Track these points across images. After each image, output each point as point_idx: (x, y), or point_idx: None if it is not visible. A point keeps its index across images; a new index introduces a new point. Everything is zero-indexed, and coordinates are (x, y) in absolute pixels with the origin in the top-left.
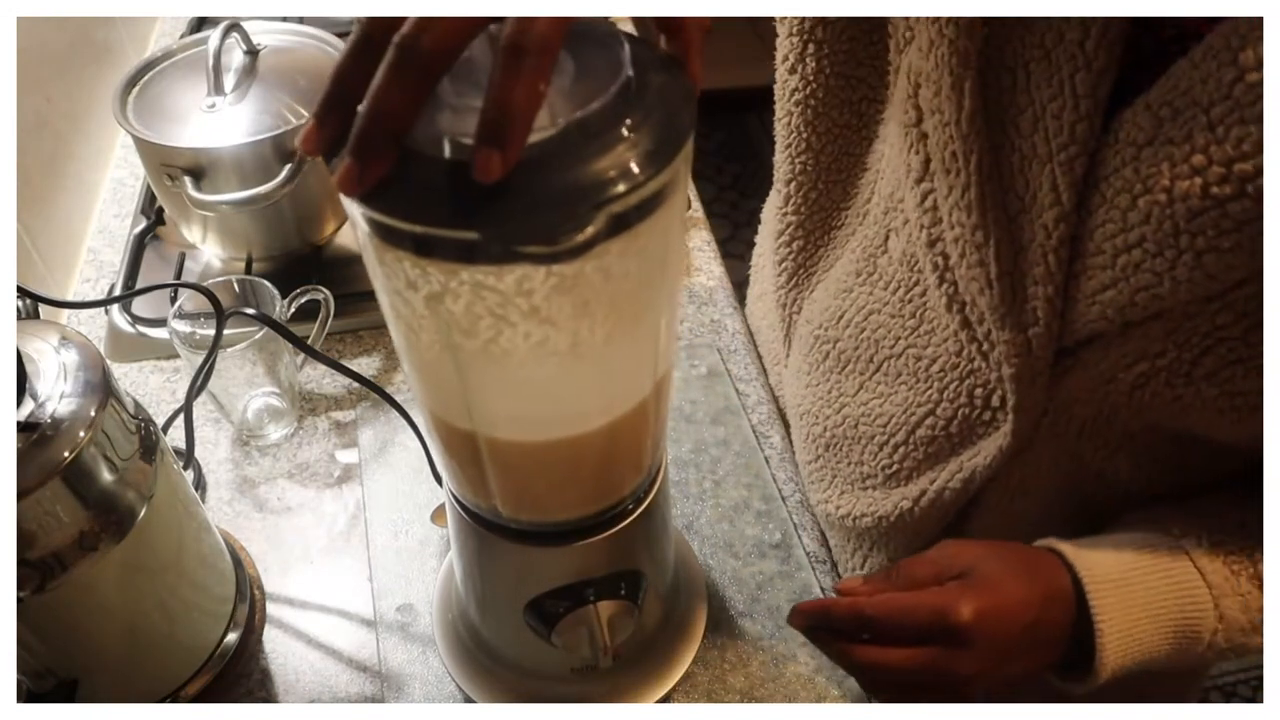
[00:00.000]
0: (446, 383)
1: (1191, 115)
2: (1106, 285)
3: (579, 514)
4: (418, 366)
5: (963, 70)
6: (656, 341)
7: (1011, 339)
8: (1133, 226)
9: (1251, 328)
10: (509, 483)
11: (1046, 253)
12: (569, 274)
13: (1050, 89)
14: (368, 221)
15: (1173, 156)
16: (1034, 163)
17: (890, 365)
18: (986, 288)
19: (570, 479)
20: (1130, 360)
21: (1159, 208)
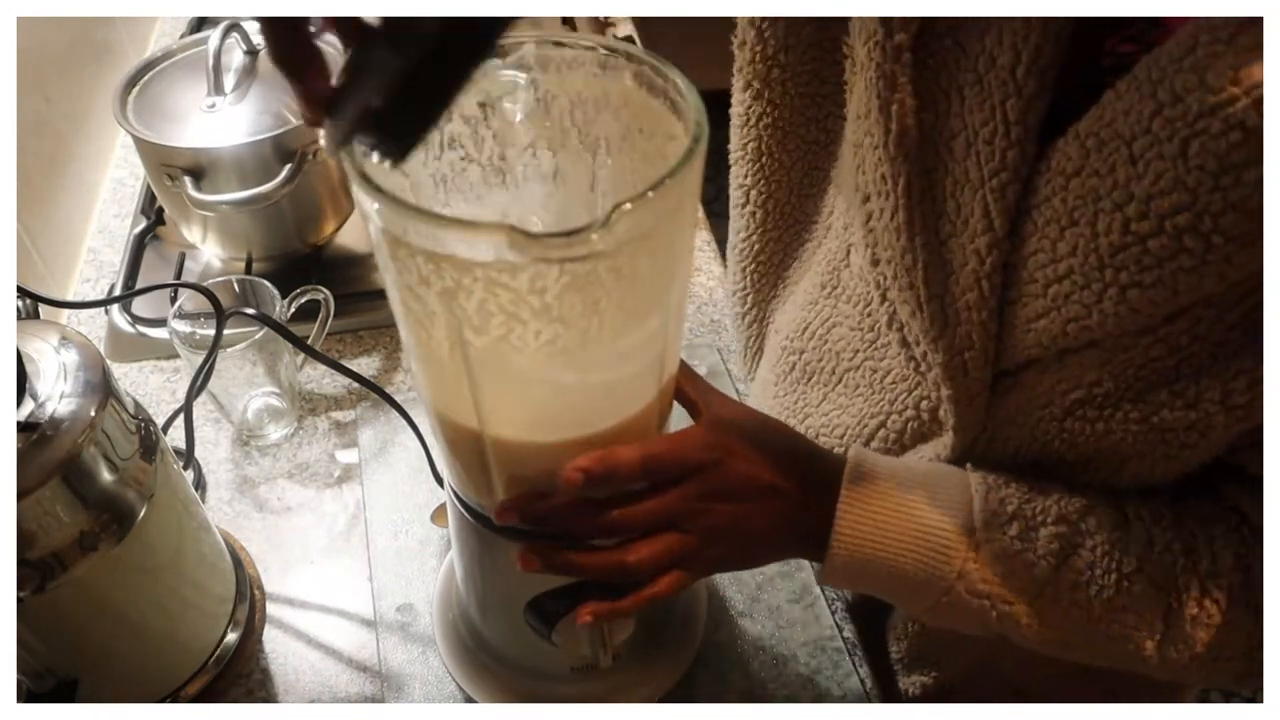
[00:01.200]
0: (455, 381)
1: (1115, 148)
2: (1040, 314)
3: None
4: (426, 364)
5: (888, 93)
6: (664, 343)
7: (946, 361)
8: (1061, 258)
9: (1184, 360)
10: (514, 483)
11: (980, 278)
12: (581, 272)
13: (983, 114)
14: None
15: (1097, 190)
16: (966, 188)
17: (850, 377)
18: (917, 310)
19: None
20: (1066, 386)
21: (1084, 240)
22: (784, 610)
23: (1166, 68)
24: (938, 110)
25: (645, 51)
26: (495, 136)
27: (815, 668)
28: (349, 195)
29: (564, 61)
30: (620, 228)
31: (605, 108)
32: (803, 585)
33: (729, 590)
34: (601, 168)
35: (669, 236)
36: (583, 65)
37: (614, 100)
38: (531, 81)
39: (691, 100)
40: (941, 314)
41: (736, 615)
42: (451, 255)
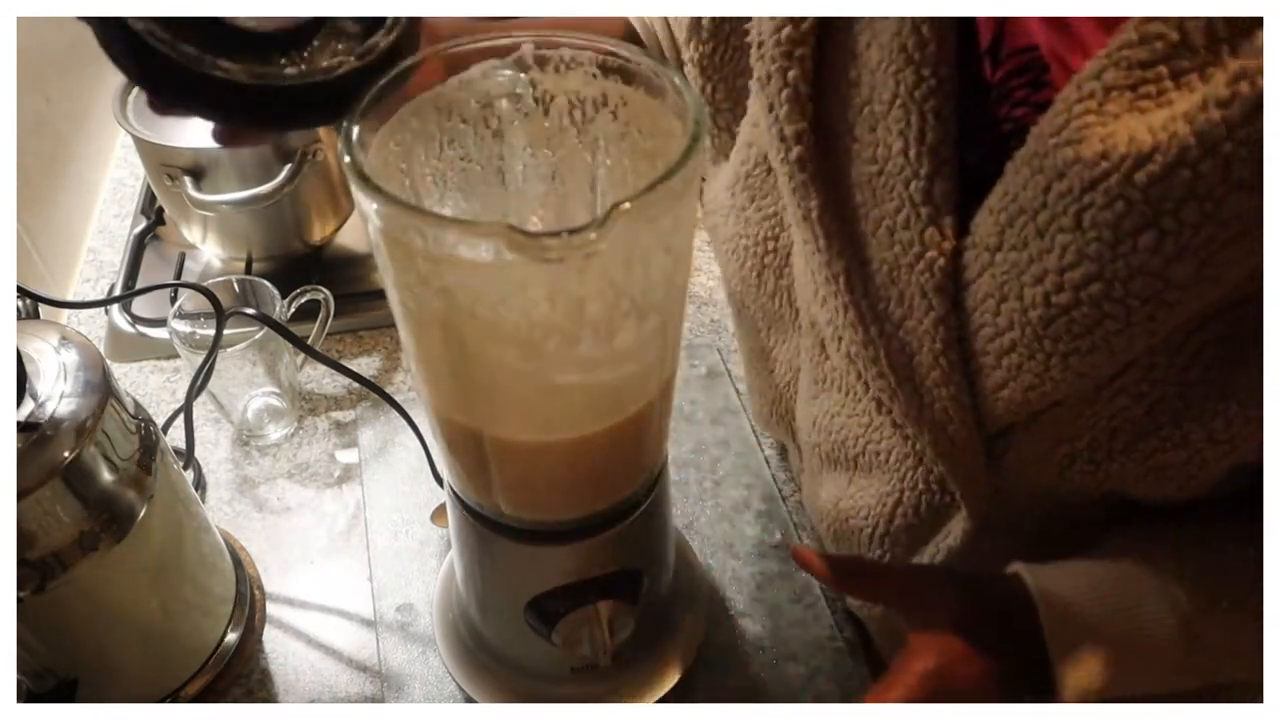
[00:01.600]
0: (454, 381)
1: (1024, 223)
2: (1000, 384)
3: (581, 513)
4: (426, 364)
5: (806, 203)
6: (664, 342)
7: (933, 439)
8: (1003, 331)
9: (1154, 404)
10: (513, 482)
11: (937, 357)
12: (580, 272)
13: (893, 201)
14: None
15: (1018, 264)
16: (900, 273)
17: (860, 461)
18: (893, 396)
19: (575, 480)
20: (1050, 444)
21: (1018, 314)
22: (784, 610)
23: (1047, 141)
24: (856, 206)
25: (644, 51)
26: (494, 136)
27: (815, 668)
28: (349, 195)
29: (562, 61)
30: (619, 227)
31: (604, 107)
32: (803, 585)
33: (729, 590)
34: (600, 167)
35: (668, 236)
36: (581, 65)
37: (612, 100)
38: (530, 81)
39: (689, 99)
40: (915, 395)
41: (736, 615)
42: (450, 255)
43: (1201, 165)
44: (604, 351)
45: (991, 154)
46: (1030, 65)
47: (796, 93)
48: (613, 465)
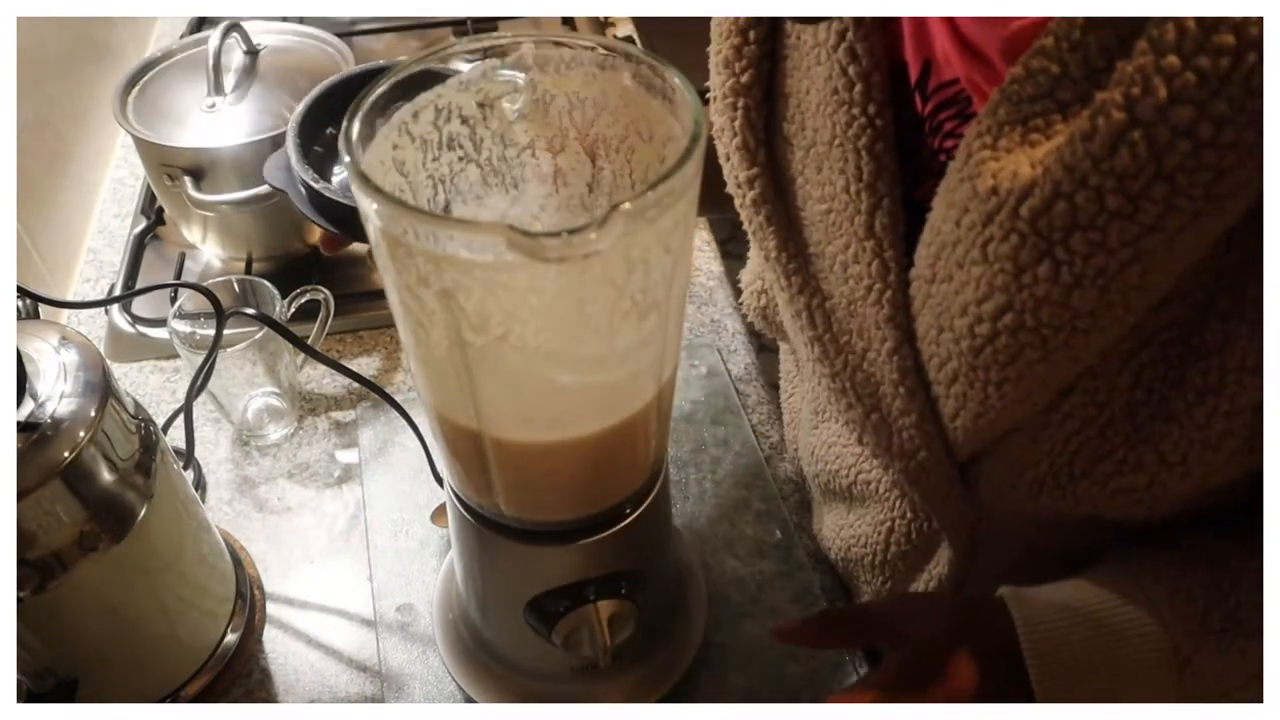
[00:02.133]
0: (454, 381)
1: (947, 256)
2: (954, 413)
3: (582, 513)
4: (425, 364)
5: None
6: (663, 342)
7: (903, 468)
8: (946, 361)
9: (1104, 427)
10: (513, 482)
11: (896, 386)
12: (579, 272)
13: (842, 238)
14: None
15: (947, 295)
16: (856, 305)
17: (854, 490)
18: (863, 429)
19: (575, 480)
20: (1016, 470)
21: (953, 345)
22: (784, 610)
23: (954, 176)
24: (813, 243)
25: (644, 51)
26: (494, 137)
27: (815, 668)
28: None
29: (562, 61)
30: (618, 228)
31: (604, 108)
32: (803, 585)
33: (729, 590)
34: (601, 169)
35: (667, 236)
36: (581, 65)
37: (613, 101)
38: (530, 82)
39: (690, 100)
40: (885, 426)
41: (737, 615)
42: (450, 255)
43: (1076, 197)
44: (604, 351)
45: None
46: (956, 98)
47: (744, 141)
48: (613, 465)
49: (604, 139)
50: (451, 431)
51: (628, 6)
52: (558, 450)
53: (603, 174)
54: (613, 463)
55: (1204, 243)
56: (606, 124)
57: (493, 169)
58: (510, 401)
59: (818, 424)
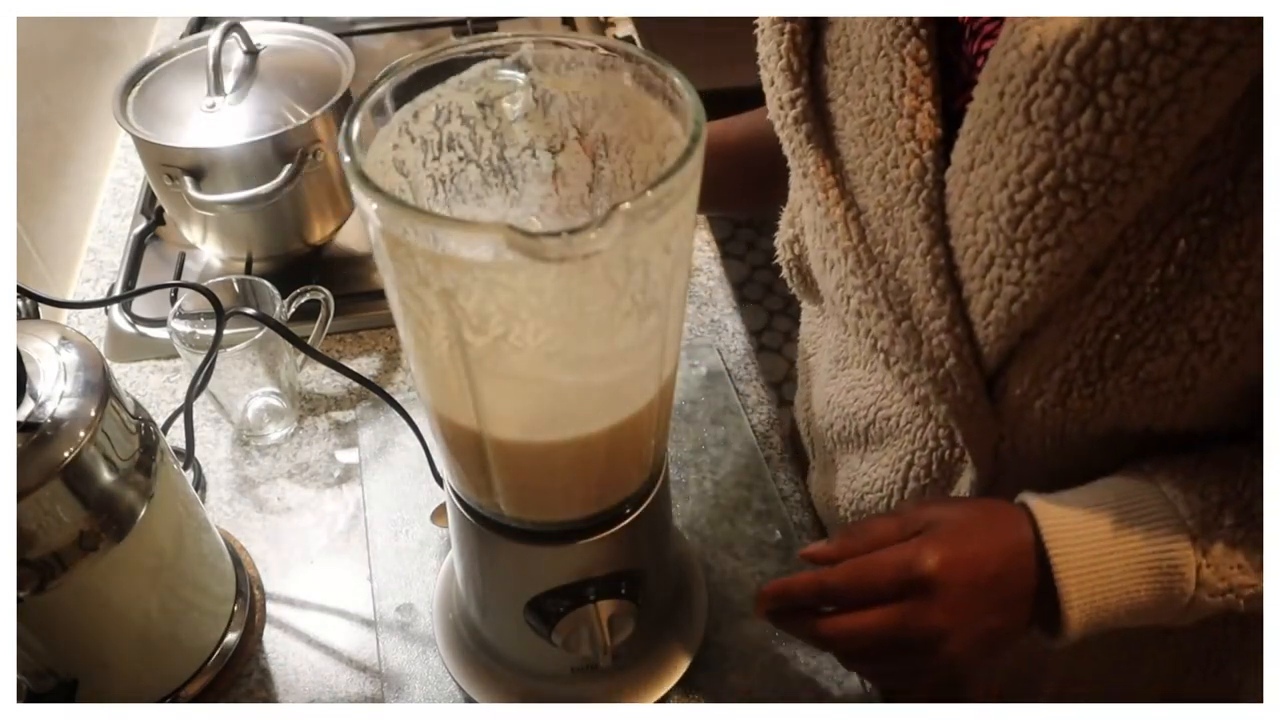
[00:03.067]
0: (454, 381)
1: (988, 135)
2: (988, 305)
3: (582, 514)
4: (425, 364)
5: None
6: (663, 342)
7: (930, 377)
8: (982, 246)
9: (1135, 310)
10: (513, 482)
11: (929, 288)
12: (579, 272)
13: (882, 144)
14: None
15: (987, 176)
16: (893, 211)
17: (872, 431)
18: (894, 338)
19: (575, 480)
20: (1046, 369)
21: (990, 224)
22: None
23: (998, 51)
24: (851, 158)
25: (644, 51)
26: (494, 137)
27: (815, 668)
28: (349, 195)
29: (562, 61)
30: (618, 227)
31: (604, 108)
32: None
33: (729, 590)
34: (601, 169)
35: (667, 236)
36: (581, 65)
37: (613, 100)
38: (530, 81)
39: (690, 100)
40: (914, 333)
41: (737, 615)
42: (450, 255)
43: (1120, 35)
44: (604, 351)
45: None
46: None
47: (789, 63)
48: (613, 465)
49: (604, 139)
50: (451, 431)
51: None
52: (558, 450)
53: (603, 174)
54: (613, 463)
55: (1239, 83)
56: (606, 124)
57: (493, 169)
58: (510, 401)
59: (836, 373)
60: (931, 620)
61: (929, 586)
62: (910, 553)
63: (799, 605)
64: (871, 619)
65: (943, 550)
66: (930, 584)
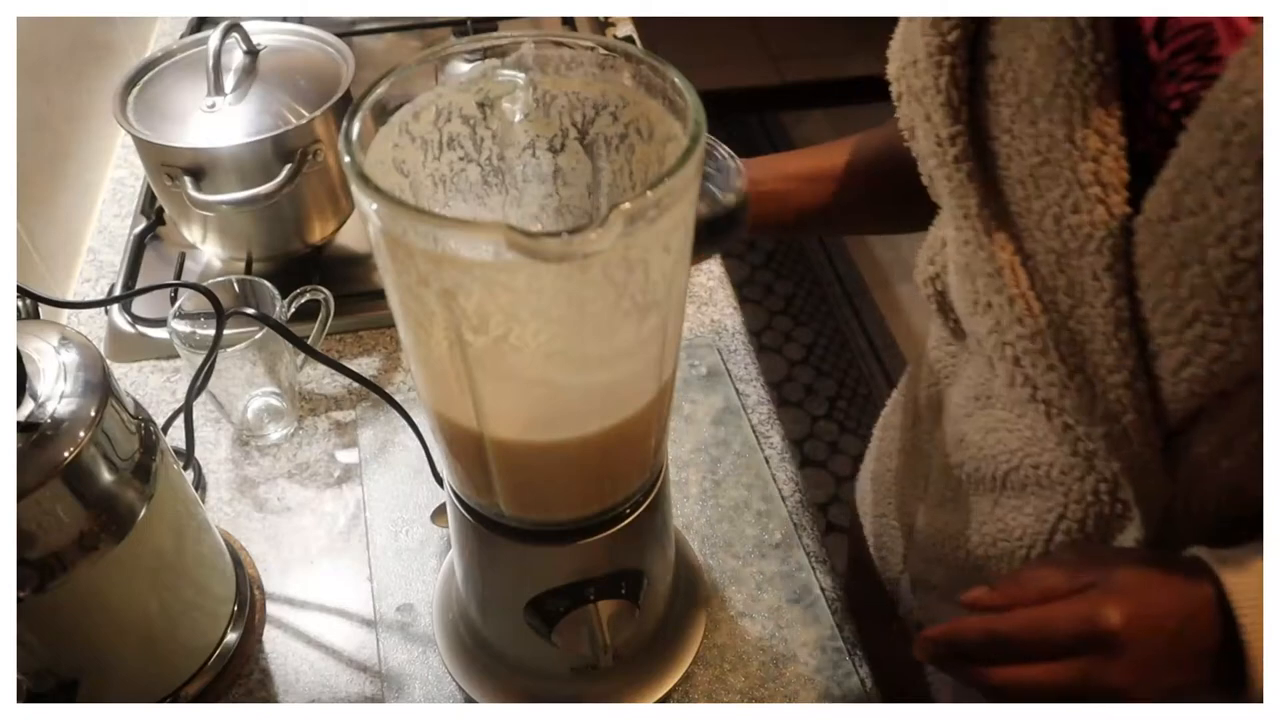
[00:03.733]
0: (454, 381)
1: (1200, 185)
2: (1184, 361)
3: (582, 513)
4: (425, 364)
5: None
6: (663, 342)
7: (1106, 432)
8: (1184, 302)
9: None
10: (513, 482)
11: (1109, 340)
12: (579, 272)
13: (1060, 187)
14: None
15: (1197, 229)
16: (1069, 258)
17: (1013, 477)
18: (1065, 390)
19: (575, 479)
20: (1240, 429)
21: (1200, 280)
22: (784, 610)
23: (1223, 99)
24: (1018, 200)
25: (644, 51)
26: (494, 137)
27: (815, 668)
28: (349, 195)
29: (563, 61)
30: (618, 228)
31: (604, 108)
32: (803, 585)
33: (729, 590)
34: (601, 169)
35: (667, 236)
36: (581, 65)
37: (613, 100)
38: (530, 81)
39: (690, 100)
40: (1088, 386)
41: (736, 615)
42: (450, 255)
43: None
44: (604, 351)
45: (1162, 135)
46: (1196, 42)
47: (949, 98)
48: (613, 465)
49: (604, 138)
50: (451, 431)
51: (628, 6)
52: (558, 450)
53: (602, 174)
54: (613, 462)
55: None
56: (606, 124)
57: (493, 169)
58: (510, 401)
59: (973, 411)
60: (1113, 679)
61: (1111, 644)
62: (1091, 607)
63: (966, 652)
64: (1050, 673)
65: (1126, 606)
66: (1113, 641)
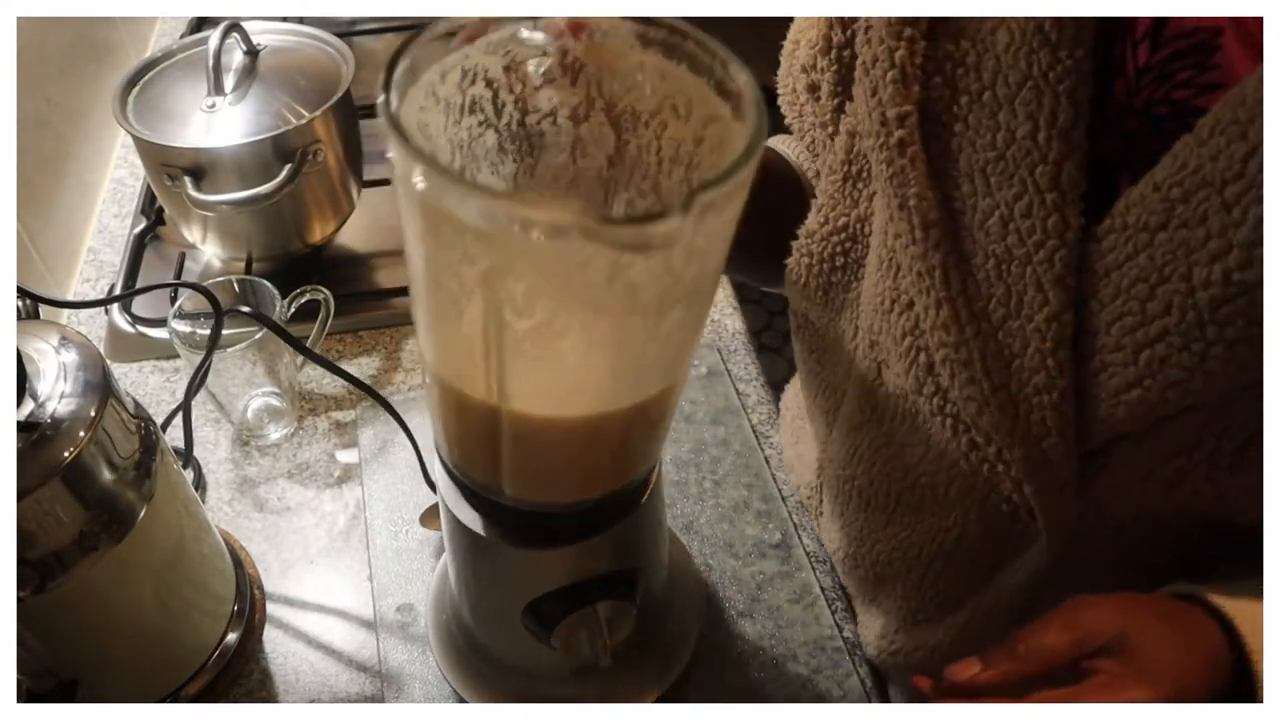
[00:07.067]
0: (482, 358)
1: (1204, 196)
2: (1131, 383)
3: (584, 496)
4: (449, 342)
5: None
6: (697, 328)
7: (1024, 455)
8: (1154, 318)
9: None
10: (524, 459)
11: (1044, 358)
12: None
13: (1013, 188)
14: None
15: (1189, 242)
16: (1012, 266)
17: (907, 496)
18: (984, 407)
19: (591, 458)
20: (1165, 455)
21: (1180, 297)
22: (784, 610)
23: (1233, 106)
24: (963, 196)
25: (693, 28)
26: (517, 102)
27: (815, 668)
28: (349, 195)
29: (599, 30)
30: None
31: (638, 81)
32: (803, 585)
33: (729, 590)
34: (626, 142)
35: (728, 226)
36: (618, 34)
37: (649, 74)
38: (560, 48)
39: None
40: (1011, 404)
41: (736, 615)
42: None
43: None
44: (647, 337)
45: (1128, 139)
46: (1196, 48)
47: (903, 73)
48: (629, 445)
49: (633, 112)
50: (463, 406)
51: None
52: (581, 427)
53: (627, 148)
54: (631, 441)
55: None
56: (638, 98)
57: (510, 135)
58: (541, 381)
59: (863, 422)
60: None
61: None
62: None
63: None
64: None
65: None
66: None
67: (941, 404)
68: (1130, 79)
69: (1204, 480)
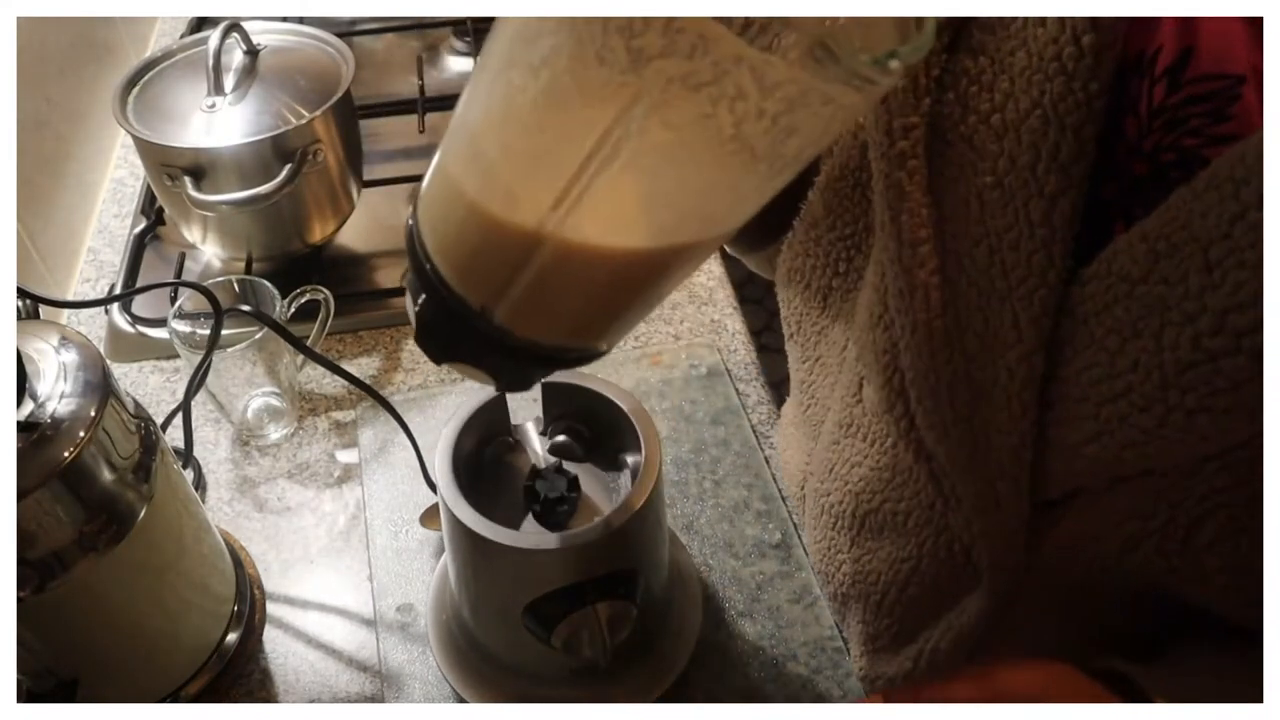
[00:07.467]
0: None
1: (1188, 253)
2: (1090, 438)
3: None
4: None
5: (898, 204)
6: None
7: (977, 492)
8: (1120, 373)
9: (1257, 494)
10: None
11: (1010, 398)
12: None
13: (1005, 218)
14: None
15: (1166, 299)
16: (993, 298)
17: (871, 520)
18: (944, 435)
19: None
20: (1118, 519)
21: (1147, 355)
22: (784, 610)
23: (1253, 166)
24: (956, 218)
25: None
26: None
27: (815, 668)
28: (349, 195)
29: None
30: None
31: None
32: (803, 585)
33: (729, 590)
34: None
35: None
36: None
37: None
38: None
39: None
40: (970, 437)
41: (736, 615)
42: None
43: None
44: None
45: (1133, 184)
46: (1216, 94)
47: (915, 83)
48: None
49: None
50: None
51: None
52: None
53: None
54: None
55: None
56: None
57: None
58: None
59: (839, 438)
60: None
61: None
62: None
63: None
64: None
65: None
66: None
67: (909, 427)
68: (1142, 119)
69: (1155, 552)
